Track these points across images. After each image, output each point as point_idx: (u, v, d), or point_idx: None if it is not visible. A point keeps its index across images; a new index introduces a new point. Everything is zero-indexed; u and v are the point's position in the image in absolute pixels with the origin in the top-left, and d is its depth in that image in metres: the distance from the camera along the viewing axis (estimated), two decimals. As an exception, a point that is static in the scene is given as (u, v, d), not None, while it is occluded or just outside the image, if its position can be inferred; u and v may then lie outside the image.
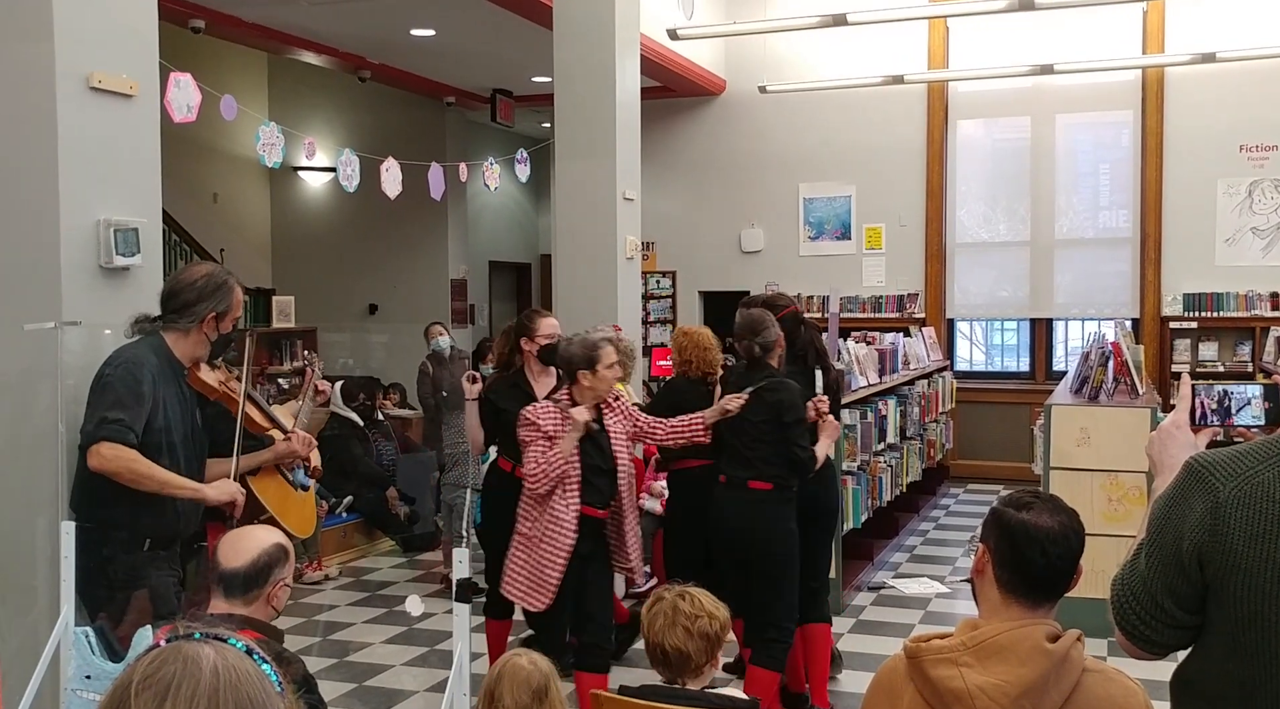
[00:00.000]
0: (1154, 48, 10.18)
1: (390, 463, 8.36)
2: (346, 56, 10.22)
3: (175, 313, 3.47)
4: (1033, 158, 10.74)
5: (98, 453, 3.24)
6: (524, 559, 4.32)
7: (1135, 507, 5.77)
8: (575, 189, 7.45)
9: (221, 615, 2.77)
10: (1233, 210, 10.14)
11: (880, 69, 10.53)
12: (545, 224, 14.70)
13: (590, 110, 7.37)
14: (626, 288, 7.49)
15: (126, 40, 3.78)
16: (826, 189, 11.30)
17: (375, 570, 7.68)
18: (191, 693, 1.06)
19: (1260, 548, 1.76)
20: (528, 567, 4.31)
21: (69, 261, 3.57)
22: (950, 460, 10.47)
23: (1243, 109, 10.01)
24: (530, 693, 2.72)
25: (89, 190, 3.63)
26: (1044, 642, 1.96)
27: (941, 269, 11.01)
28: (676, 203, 11.69)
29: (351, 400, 8.17)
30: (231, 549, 2.85)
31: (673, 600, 2.89)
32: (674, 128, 11.66)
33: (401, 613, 6.32)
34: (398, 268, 12.45)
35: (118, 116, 3.73)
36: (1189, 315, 10.25)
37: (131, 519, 3.37)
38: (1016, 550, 2.03)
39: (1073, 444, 5.97)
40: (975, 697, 1.93)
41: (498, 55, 10.22)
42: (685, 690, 2.86)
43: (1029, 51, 10.22)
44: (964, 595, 6.64)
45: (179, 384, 3.50)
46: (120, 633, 3.22)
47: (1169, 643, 1.90)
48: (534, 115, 12.41)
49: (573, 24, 7.40)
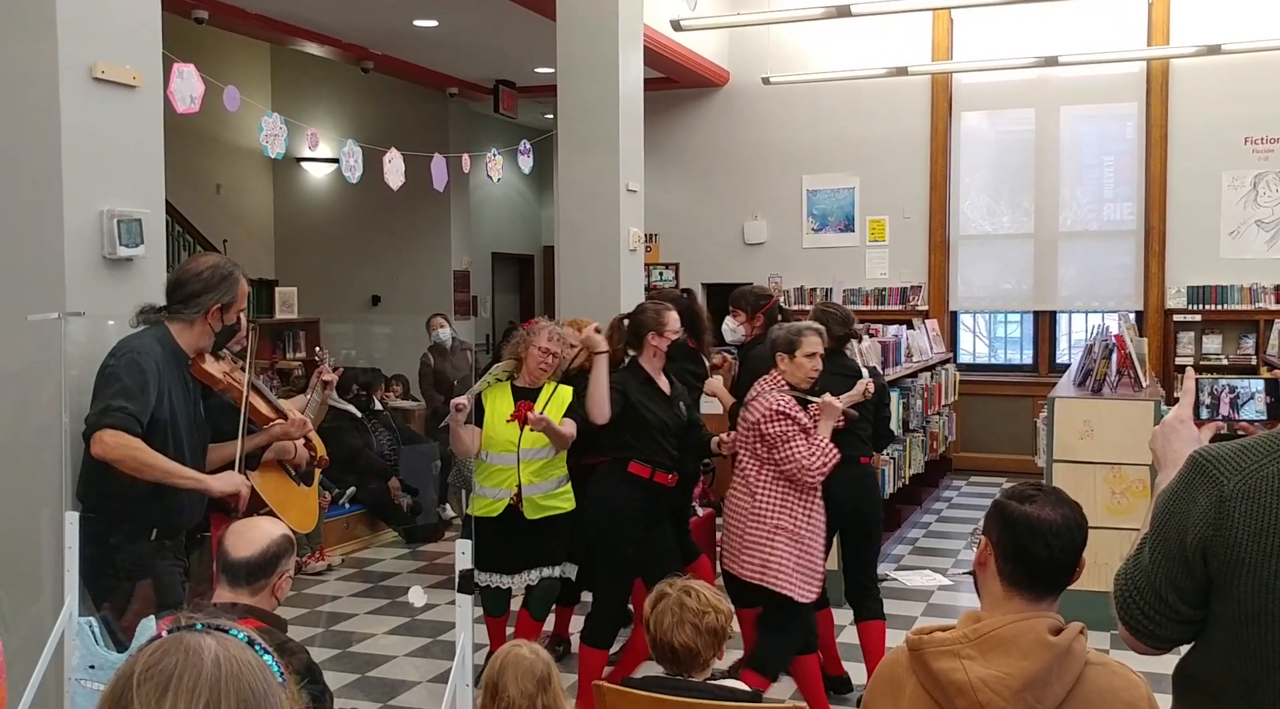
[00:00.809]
0: (1159, 39, 10.15)
1: (391, 453, 8.36)
2: (349, 47, 10.21)
3: (180, 303, 3.47)
4: (1037, 150, 10.72)
5: (101, 440, 3.24)
6: (794, 552, 4.37)
7: (1138, 500, 5.77)
8: (578, 180, 7.44)
9: (225, 605, 2.78)
10: (1237, 203, 10.12)
11: (884, 60, 10.50)
12: (548, 216, 14.69)
13: (593, 101, 7.36)
14: (629, 280, 7.48)
15: (130, 31, 3.77)
16: (830, 181, 11.28)
17: (378, 561, 7.69)
18: (193, 684, 1.07)
19: (1264, 542, 1.76)
20: (797, 559, 4.37)
21: (72, 252, 3.57)
22: (953, 453, 10.46)
23: (1248, 101, 9.98)
24: (535, 682, 2.73)
25: (92, 181, 3.63)
26: (1046, 634, 1.96)
27: (945, 261, 10.99)
28: (680, 195, 11.67)
29: (345, 393, 8.13)
30: (240, 539, 2.86)
31: (678, 597, 2.89)
32: (677, 119, 11.64)
33: (404, 604, 6.33)
34: (400, 259, 12.45)
35: (121, 107, 3.73)
36: (1193, 308, 10.23)
37: (138, 509, 3.38)
38: (1019, 543, 2.03)
39: (1076, 437, 5.96)
40: (978, 689, 1.93)
41: (500, 46, 10.21)
42: (688, 682, 2.86)
43: (1033, 43, 10.19)
44: (966, 588, 6.65)
45: (183, 375, 3.50)
46: (125, 623, 3.23)
47: (1172, 637, 1.90)
48: (537, 106, 12.40)
49: (576, 15, 7.39)
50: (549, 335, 4.86)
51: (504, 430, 4.79)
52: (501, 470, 4.81)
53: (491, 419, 4.83)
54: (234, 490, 3.51)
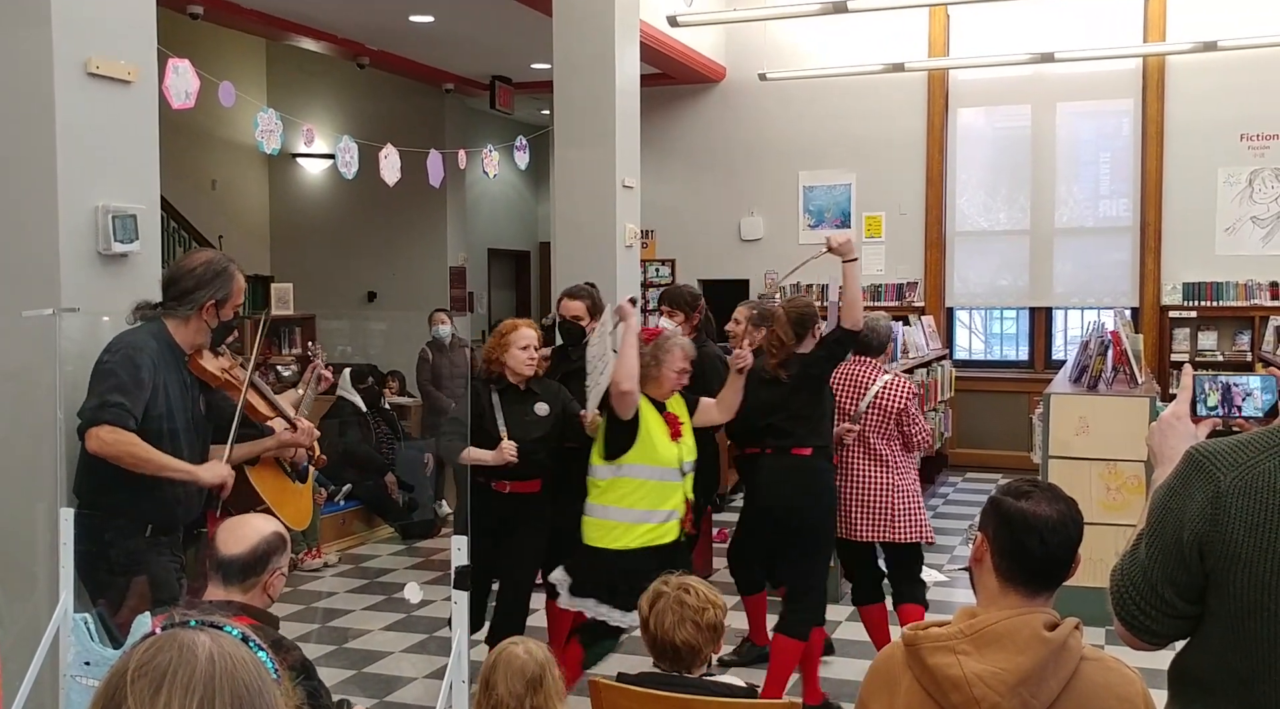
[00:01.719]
0: (1155, 36, 10.16)
1: (389, 450, 8.36)
2: (345, 43, 10.19)
3: (175, 300, 3.47)
4: (1033, 146, 10.72)
5: (97, 436, 3.23)
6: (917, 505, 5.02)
7: (1134, 496, 5.77)
8: (575, 177, 7.44)
9: (218, 602, 2.77)
10: (1233, 199, 10.13)
11: (881, 57, 10.50)
12: (544, 211, 14.68)
13: (590, 97, 7.35)
14: (626, 276, 7.48)
15: (125, 26, 3.76)
16: (826, 177, 11.28)
17: (374, 557, 7.69)
18: (187, 680, 1.06)
19: (1260, 538, 1.76)
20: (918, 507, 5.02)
21: (67, 248, 3.56)
22: (949, 449, 10.48)
23: (1243, 98, 9.99)
24: (524, 682, 2.73)
25: (87, 177, 3.62)
26: (1042, 630, 1.96)
27: (941, 258, 10.99)
28: (676, 191, 11.67)
29: (360, 382, 8.18)
30: (232, 536, 2.86)
31: (676, 595, 2.89)
32: (674, 115, 11.64)
33: (400, 600, 6.33)
34: (396, 255, 12.44)
35: (116, 103, 3.72)
36: (1188, 305, 10.25)
37: (133, 505, 3.38)
38: (1015, 539, 2.04)
39: (1072, 433, 5.97)
40: (973, 684, 1.93)
41: (497, 42, 10.20)
42: (685, 678, 2.87)
43: (1030, 39, 10.19)
44: (962, 584, 6.65)
45: (180, 371, 3.49)
46: (120, 619, 3.23)
47: (1168, 633, 1.90)
48: (533, 102, 12.39)
49: (572, 10, 7.38)
50: (684, 354, 4.49)
51: (668, 445, 4.39)
52: (664, 487, 4.34)
53: (648, 431, 4.36)
54: (219, 481, 3.50)
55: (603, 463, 4.37)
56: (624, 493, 4.30)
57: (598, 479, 4.38)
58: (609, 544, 4.28)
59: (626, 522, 4.29)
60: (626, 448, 4.30)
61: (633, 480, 4.31)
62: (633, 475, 4.32)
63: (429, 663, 5.50)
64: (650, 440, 4.33)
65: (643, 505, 4.29)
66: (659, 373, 4.44)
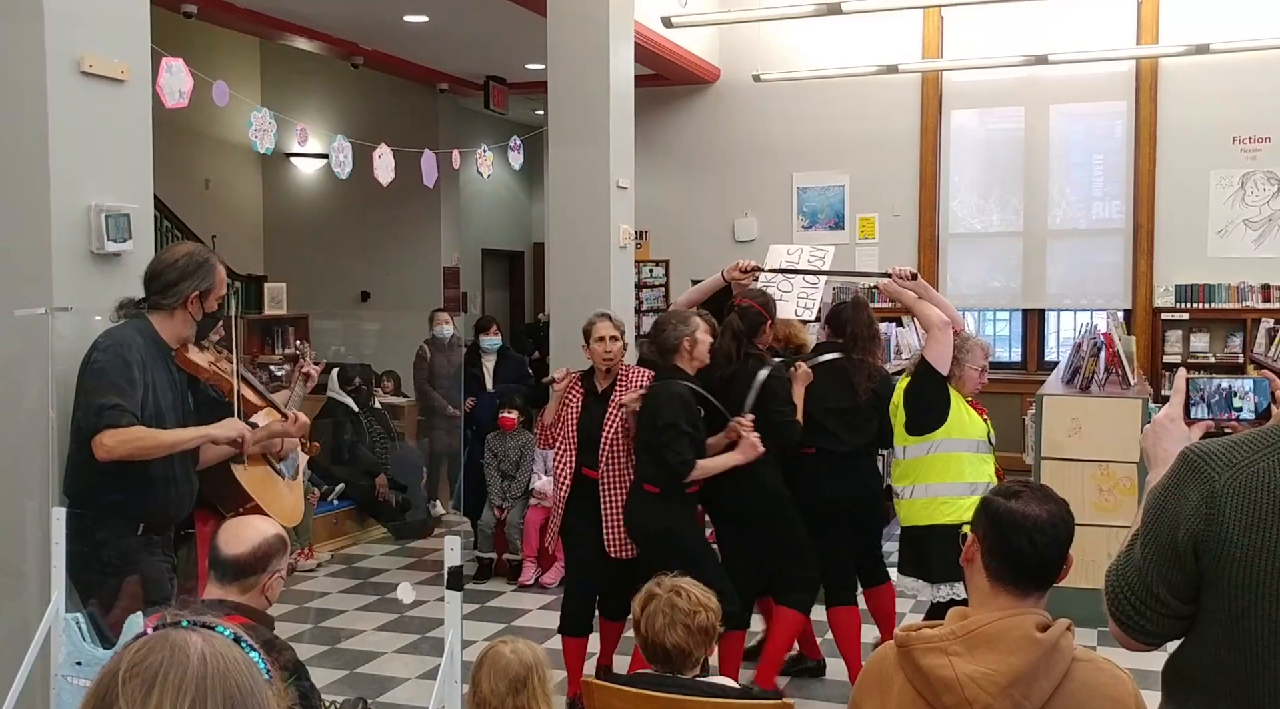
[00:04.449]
0: (1148, 39, 10.18)
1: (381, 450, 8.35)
2: (339, 42, 10.17)
3: (158, 294, 3.45)
4: (1026, 148, 10.73)
5: (102, 444, 3.22)
6: None
7: (1126, 497, 5.78)
8: (569, 177, 7.43)
9: (213, 601, 2.77)
10: (1225, 202, 10.15)
11: (874, 58, 10.51)
12: (538, 212, 14.67)
13: (584, 98, 7.35)
14: (619, 276, 7.47)
15: (118, 24, 3.75)
16: (820, 178, 11.28)
17: (367, 558, 7.68)
18: (179, 681, 1.06)
19: (1255, 537, 1.77)
20: None
21: (60, 247, 3.55)
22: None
23: (1236, 101, 10.00)
24: (507, 683, 2.74)
25: (80, 175, 3.61)
26: (1033, 631, 1.96)
27: (934, 259, 11.00)
28: (670, 191, 11.66)
29: (347, 384, 8.16)
30: (234, 536, 2.86)
31: (668, 598, 2.89)
32: (668, 116, 11.63)
33: (393, 600, 6.32)
34: (390, 255, 12.42)
35: (109, 101, 3.71)
36: (1181, 306, 10.26)
37: (124, 504, 3.36)
38: (1005, 539, 2.04)
39: (1064, 434, 5.98)
40: (965, 685, 1.93)
41: (491, 42, 10.19)
42: (677, 679, 2.87)
43: (1023, 42, 10.20)
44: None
45: (168, 366, 3.48)
46: (112, 619, 3.21)
47: (1163, 633, 1.91)
48: (528, 102, 12.37)
49: (567, 11, 7.37)
50: (984, 353, 4.72)
51: (977, 420, 4.62)
52: (986, 460, 4.59)
53: (958, 406, 4.59)
54: (236, 434, 3.49)
55: (914, 441, 4.48)
56: (943, 468, 4.44)
57: (907, 459, 4.49)
58: (940, 519, 4.37)
59: (954, 496, 4.40)
60: (938, 424, 4.44)
61: (949, 455, 4.43)
62: (949, 450, 4.43)
63: (421, 664, 5.49)
64: (961, 415, 4.49)
65: (967, 477, 4.41)
66: (960, 372, 4.55)
